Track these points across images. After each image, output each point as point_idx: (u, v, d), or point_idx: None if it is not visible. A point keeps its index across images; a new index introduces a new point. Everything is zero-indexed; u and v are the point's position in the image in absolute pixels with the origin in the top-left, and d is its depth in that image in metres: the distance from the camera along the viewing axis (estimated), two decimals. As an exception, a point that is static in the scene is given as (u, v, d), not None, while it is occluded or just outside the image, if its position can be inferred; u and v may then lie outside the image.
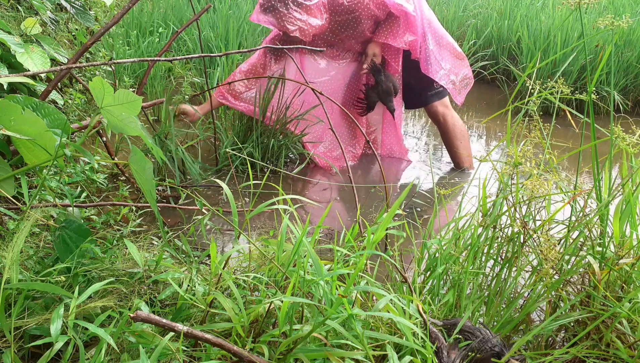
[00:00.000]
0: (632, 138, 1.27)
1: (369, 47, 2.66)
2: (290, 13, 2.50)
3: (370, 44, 2.66)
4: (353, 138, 2.95)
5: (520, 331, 1.40)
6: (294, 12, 2.50)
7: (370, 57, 2.66)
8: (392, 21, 2.56)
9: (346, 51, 2.77)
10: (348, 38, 2.68)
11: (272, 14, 2.52)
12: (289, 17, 2.51)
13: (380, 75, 2.67)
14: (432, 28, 2.66)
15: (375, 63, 2.66)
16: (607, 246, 1.30)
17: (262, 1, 2.53)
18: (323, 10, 2.57)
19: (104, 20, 3.63)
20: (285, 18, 2.51)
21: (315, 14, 2.55)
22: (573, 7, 1.29)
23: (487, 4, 5.15)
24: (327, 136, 2.84)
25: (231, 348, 1.00)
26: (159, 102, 2.62)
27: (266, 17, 2.54)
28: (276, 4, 2.50)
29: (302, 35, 2.54)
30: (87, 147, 2.59)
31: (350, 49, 2.77)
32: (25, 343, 1.16)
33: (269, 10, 2.52)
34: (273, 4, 2.50)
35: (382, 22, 2.60)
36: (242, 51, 1.68)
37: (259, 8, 2.55)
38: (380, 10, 2.53)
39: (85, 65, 1.45)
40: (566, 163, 2.93)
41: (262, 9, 2.54)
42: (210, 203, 2.31)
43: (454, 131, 2.81)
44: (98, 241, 1.50)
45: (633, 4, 4.89)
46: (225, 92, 2.70)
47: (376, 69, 2.67)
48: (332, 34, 2.67)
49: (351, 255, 1.22)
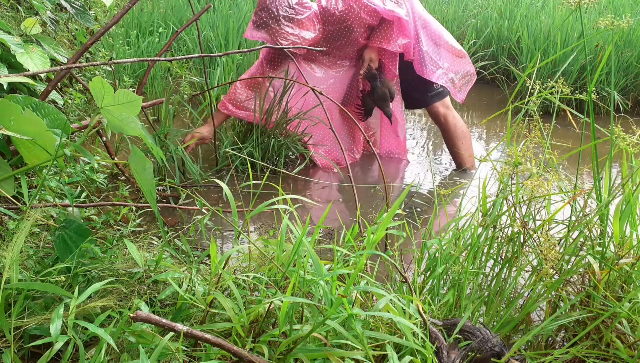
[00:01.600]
0: (632, 138, 1.27)
1: (365, 53, 2.66)
2: (282, 29, 2.51)
3: (366, 50, 2.67)
4: (352, 142, 2.95)
5: (520, 331, 1.40)
6: (286, 27, 2.51)
7: (367, 62, 2.66)
8: (386, 26, 2.57)
9: (342, 58, 2.78)
10: (343, 46, 2.69)
11: (264, 30, 2.54)
12: (281, 33, 2.52)
13: (376, 81, 2.67)
14: (427, 29, 2.66)
15: (371, 69, 2.66)
16: (607, 246, 1.30)
17: (255, 18, 2.54)
18: (316, 21, 2.58)
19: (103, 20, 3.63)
20: (278, 34, 2.52)
21: (308, 26, 2.56)
22: (573, 7, 1.29)
23: (487, 4, 5.15)
24: (328, 138, 2.84)
25: (231, 348, 1.00)
26: (159, 102, 2.62)
27: (259, 34, 2.55)
28: (268, 21, 2.51)
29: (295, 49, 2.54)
30: (87, 147, 2.59)
31: (347, 57, 2.77)
32: (25, 343, 1.16)
33: (262, 26, 2.53)
34: (265, 20, 2.51)
35: (376, 28, 2.60)
36: (242, 51, 1.68)
37: (252, 25, 2.56)
38: (372, 18, 2.54)
39: (85, 65, 1.45)
40: (566, 163, 2.93)
41: (254, 25, 2.55)
42: (210, 203, 2.31)
43: (455, 131, 2.81)
44: (98, 241, 1.50)
45: (633, 4, 4.89)
46: (226, 102, 2.71)
47: (371, 75, 2.67)
48: (326, 43, 2.67)
49: (351, 255, 1.22)
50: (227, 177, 2.54)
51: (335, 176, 2.74)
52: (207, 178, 2.46)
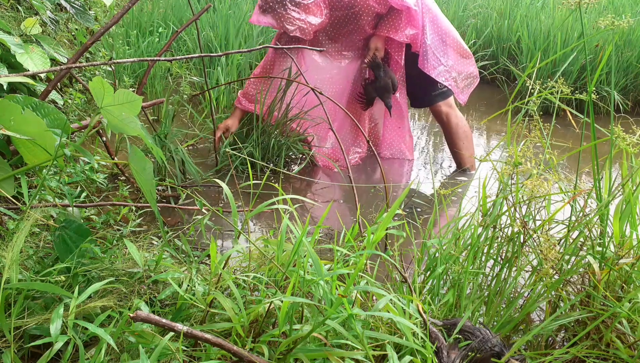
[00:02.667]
0: (632, 137, 1.27)
1: (372, 41, 2.65)
2: (289, 13, 2.50)
3: (372, 38, 2.65)
4: (357, 137, 2.93)
5: (520, 331, 1.40)
6: (292, 12, 2.51)
7: (373, 50, 2.65)
8: (394, 15, 2.56)
9: (348, 48, 2.76)
10: (349, 33, 2.67)
11: (270, 15, 2.53)
12: (287, 17, 2.51)
13: (380, 70, 2.65)
14: (434, 23, 2.65)
15: (376, 58, 2.64)
16: (607, 246, 1.30)
17: (261, 2, 2.54)
18: (323, 6, 2.57)
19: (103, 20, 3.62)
20: (284, 18, 2.51)
21: (314, 11, 2.55)
22: (573, 7, 1.29)
23: (487, 4, 5.15)
24: (331, 136, 2.84)
25: (231, 348, 1.00)
26: (159, 102, 2.62)
27: (265, 19, 2.55)
28: (274, 5, 2.50)
29: (302, 34, 2.54)
30: (87, 147, 2.59)
31: (353, 46, 2.76)
32: (25, 343, 1.16)
33: (268, 11, 2.52)
34: (271, 5, 2.51)
35: (384, 16, 2.59)
36: (242, 51, 1.68)
37: (258, 9, 2.56)
38: (380, 5, 2.53)
39: (85, 65, 1.45)
40: (566, 163, 2.93)
41: (260, 10, 2.55)
42: (210, 203, 2.31)
43: (457, 131, 2.81)
44: (98, 241, 1.50)
45: (633, 4, 4.89)
46: (241, 97, 2.72)
47: (375, 64, 2.65)
48: (333, 29, 2.66)
49: (351, 255, 1.22)
50: (227, 177, 2.54)
51: (336, 176, 2.74)
52: (207, 178, 2.46)
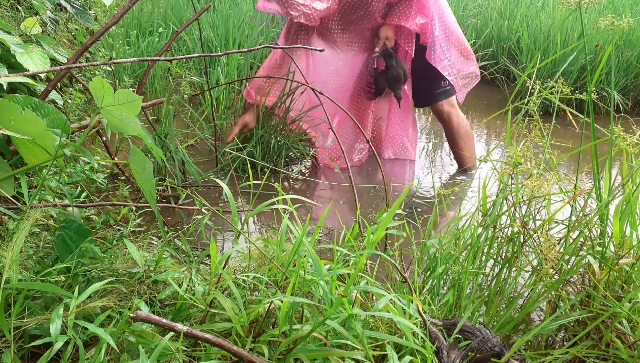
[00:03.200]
0: (632, 137, 1.27)
1: (382, 30, 2.63)
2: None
3: (382, 27, 2.63)
4: (360, 132, 2.91)
5: (520, 331, 1.40)
6: None
7: (383, 40, 2.63)
8: (405, 3, 2.54)
9: (356, 37, 2.73)
10: (358, 20, 2.64)
11: (275, 1, 2.51)
12: (291, 3, 2.49)
13: (392, 60, 2.62)
14: (441, 18, 2.64)
15: (387, 47, 2.63)
16: (607, 246, 1.30)
17: None
18: None
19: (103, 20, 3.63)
20: (288, 4, 2.49)
21: None
22: (573, 7, 1.29)
23: (487, 4, 5.15)
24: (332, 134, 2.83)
25: (231, 348, 1.00)
26: (159, 102, 2.62)
27: (270, 5, 2.52)
28: None
29: (307, 20, 2.51)
30: (87, 147, 2.59)
31: (361, 36, 2.73)
32: (25, 343, 1.16)
33: None
34: None
35: (395, 5, 2.57)
36: (242, 51, 1.68)
37: None
38: None
39: (85, 65, 1.45)
40: (566, 163, 2.93)
41: None
42: (210, 203, 2.31)
43: (458, 130, 2.80)
44: (98, 241, 1.50)
45: (633, 4, 4.89)
46: (250, 91, 2.70)
47: (388, 53, 2.63)
48: (342, 15, 2.63)
49: (351, 255, 1.22)
50: (227, 177, 2.54)
51: (336, 175, 2.74)
52: (207, 178, 2.46)
